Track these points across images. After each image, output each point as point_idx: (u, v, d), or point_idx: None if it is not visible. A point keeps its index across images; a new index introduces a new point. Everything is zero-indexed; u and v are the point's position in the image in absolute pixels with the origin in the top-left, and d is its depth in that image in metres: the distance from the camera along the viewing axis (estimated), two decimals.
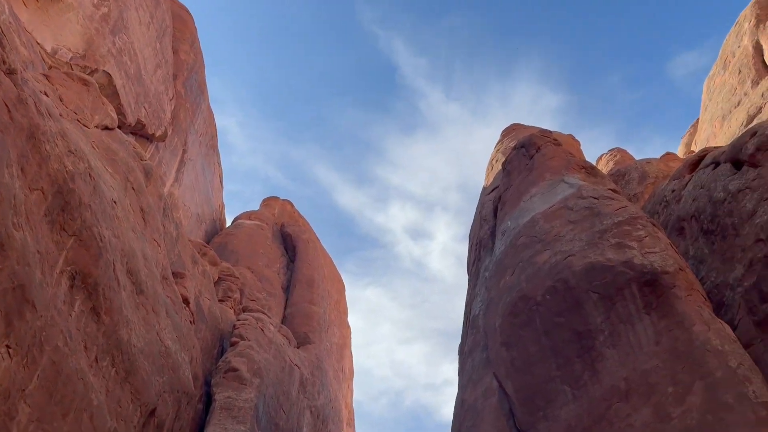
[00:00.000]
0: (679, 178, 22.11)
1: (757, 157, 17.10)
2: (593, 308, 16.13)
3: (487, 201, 28.35)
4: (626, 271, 15.68)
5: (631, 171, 31.17)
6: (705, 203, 18.65)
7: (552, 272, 17.57)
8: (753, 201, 16.48)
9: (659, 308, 14.82)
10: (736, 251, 16.59)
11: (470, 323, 22.98)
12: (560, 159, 23.13)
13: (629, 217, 17.65)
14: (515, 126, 37.47)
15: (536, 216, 20.67)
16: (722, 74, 47.63)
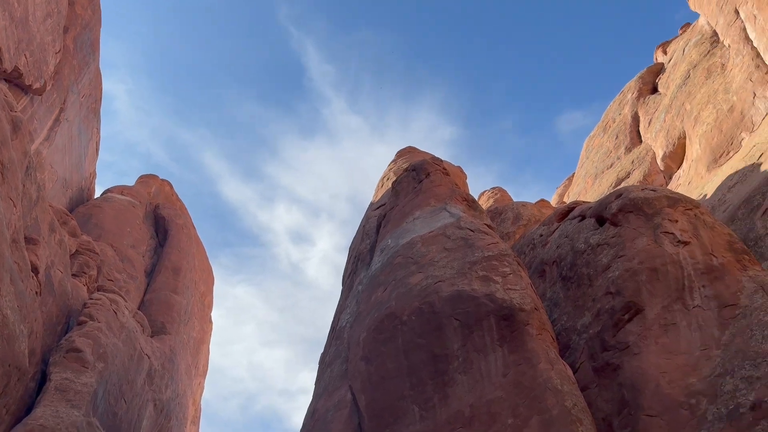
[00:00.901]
0: (549, 225, 23.62)
1: (618, 217, 18.68)
2: (453, 334, 16.74)
3: (372, 216, 28.71)
4: (488, 303, 16.47)
5: (508, 211, 32.89)
6: (567, 252, 20.04)
7: (421, 294, 18.06)
8: (609, 256, 17.93)
9: (512, 342, 15.67)
10: (588, 300, 17.93)
11: (335, 334, 23.03)
12: (446, 188, 23.97)
13: (498, 253, 18.58)
14: (410, 149, 38.38)
15: (416, 238, 21.22)
16: (601, 136, 51.80)
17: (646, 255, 16.90)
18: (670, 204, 18.23)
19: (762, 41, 32.41)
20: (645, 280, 16.44)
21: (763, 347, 13.70)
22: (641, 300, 16.22)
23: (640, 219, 18.04)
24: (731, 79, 34.32)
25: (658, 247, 16.96)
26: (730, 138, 32.29)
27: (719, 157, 32.57)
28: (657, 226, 17.67)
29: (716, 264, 16.32)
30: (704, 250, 16.73)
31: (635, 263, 16.86)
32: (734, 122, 32.38)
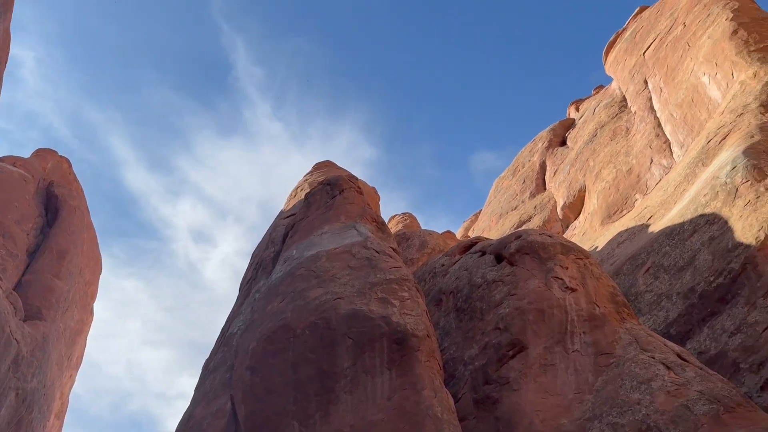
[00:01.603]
0: (451, 256, 24.27)
1: (515, 257, 19.50)
2: (345, 352, 16.72)
3: (280, 224, 28.32)
4: (382, 326, 16.62)
5: (415, 237, 33.50)
6: (465, 284, 20.65)
7: (318, 309, 17.95)
8: (502, 293, 18.64)
9: (400, 366, 15.87)
10: (477, 333, 18.51)
11: (224, 340, 22.36)
12: (358, 207, 24.11)
13: (400, 277, 18.86)
14: (328, 163, 38.35)
15: (321, 253, 21.13)
16: (510, 179, 54.08)
17: (535, 296, 17.71)
18: (563, 251, 19.25)
19: (664, 113, 35.22)
20: (532, 320, 17.21)
21: (631, 397, 14.65)
22: (526, 339, 16.94)
23: (534, 261, 18.91)
24: (633, 143, 36.97)
25: (548, 291, 17.83)
26: (625, 197, 34.66)
27: (613, 214, 34.85)
28: (549, 270, 18.60)
29: (598, 313, 17.36)
30: (589, 298, 17.77)
31: (525, 303, 17.63)
32: (631, 183, 34.81)
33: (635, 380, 15.01)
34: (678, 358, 15.75)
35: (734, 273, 19.44)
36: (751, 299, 18.53)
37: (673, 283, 21.76)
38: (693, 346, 19.29)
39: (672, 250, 23.06)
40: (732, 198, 21.61)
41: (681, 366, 15.22)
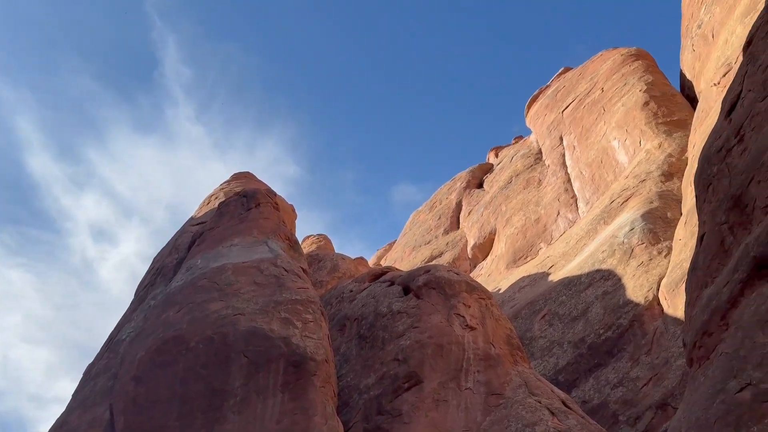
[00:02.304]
0: (360, 282, 24.30)
1: (422, 291, 19.79)
2: (238, 370, 16.24)
3: (188, 231, 27.38)
4: (281, 346, 16.31)
5: (327, 260, 33.33)
6: (370, 312, 20.69)
7: (217, 323, 17.40)
8: (405, 325, 18.81)
9: (294, 390, 15.59)
10: (376, 362, 18.53)
11: (111, 346, 21.18)
12: (273, 222, 23.75)
13: (306, 298, 18.65)
14: (248, 174, 37.66)
15: (228, 265, 20.58)
16: (427, 213, 55.15)
17: (437, 331, 18.01)
18: (468, 290, 19.74)
19: (575, 170, 37.22)
20: (430, 354, 17.45)
21: None
22: (423, 372, 17.13)
23: (440, 297, 19.27)
24: (544, 194, 38.74)
25: (449, 327, 18.18)
26: (530, 245, 36.12)
27: (518, 259, 36.19)
28: (452, 307, 18.99)
29: (493, 353, 17.85)
30: (486, 338, 18.25)
31: (426, 336, 17.87)
32: (537, 232, 36.35)
33: (521, 423, 15.46)
34: (563, 405, 16.40)
35: (622, 328, 20.61)
36: (635, 355, 19.67)
37: (565, 331, 22.76)
38: (578, 394, 20.19)
39: (568, 300, 24.18)
40: (627, 257, 23.01)
41: (564, 413, 15.85)
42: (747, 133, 10.99)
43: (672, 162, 28.24)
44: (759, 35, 11.63)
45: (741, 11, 26.19)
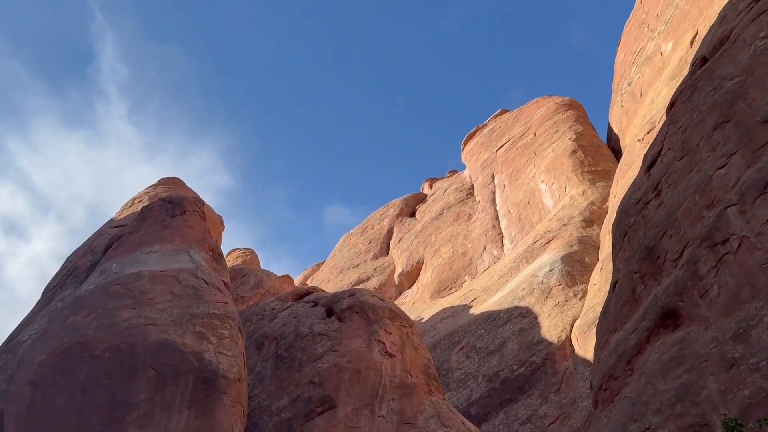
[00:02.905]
0: (284, 301, 23.90)
1: (345, 314, 19.66)
2: (144, 383, 15.53)
3: (106, 233, 26.20)
4: (192, 361, 15.72)
5: (252, 275, 32.64)
6: (291, 332, 20.34)
7: (126, 332, 16.61)
8: (325, 347, 18.59)
9: (202, 407, 15.02)
10: (291, 384, 18.17)
11: (9, 347, 19.80)
12: (198, 232, 23.07)
13: (224, 314, 18.12)
14: (176, 180, 36.57)
15: (144, 272, 19.76)
16: (358, 237, 55.19)
17: (356, 356, 17.88)
18: (390, 316, 19.78)
19: (503, 208, 38.31)
20: (347, 379, 17.27)
21: None
22: (338, 397, 16.92)
23: (362, 321, 19.20)
24: (472, 229, 39.61)
25: (368, 352, 18.10)
26: (456, 277, 36.72)
27: (443, 290, 36.68)
28: (374, 332, 18.95)
29: (410, 382, 17.88)
30: (404, 366, 18.28)
31: (344, 361, 17.70)
32: (463, 265, 37.03)
33: None
34: None
35: (535, 366, 21.15)
36: (545, 393, 20.19)
37: (481, 364, 23.14)
38: (488, 428, 20.49)
39: (486, 333, 24.66)
40: (545, 297, 23.76)
41: None
42: (664, 189, 11.65)
43: (593, 209, 29.56)
44: (681, 99, 12.44)
45: (668, 74, 28.00)
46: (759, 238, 8.57)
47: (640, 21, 35.88)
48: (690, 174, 10.82)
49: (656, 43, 31.23)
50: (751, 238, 8.69)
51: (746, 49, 10.76)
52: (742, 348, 8.11)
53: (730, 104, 10.38)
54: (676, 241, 10.39)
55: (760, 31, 10.69)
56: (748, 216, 8.89)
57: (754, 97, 9.95)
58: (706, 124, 10.80)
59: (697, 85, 11.76)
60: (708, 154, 10.48)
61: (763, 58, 10.20)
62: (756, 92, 9.97)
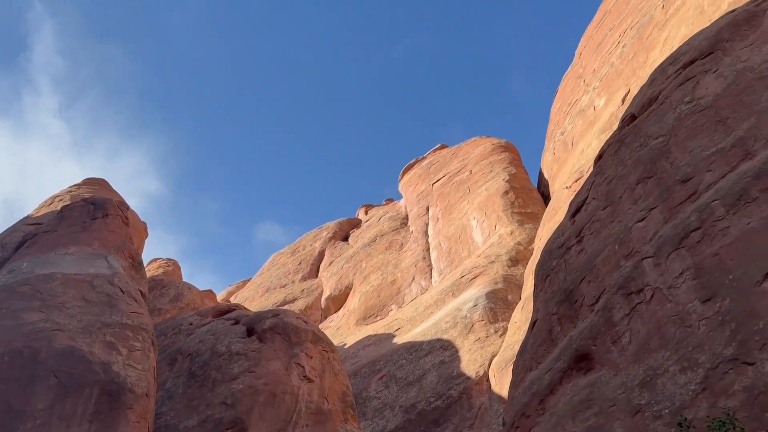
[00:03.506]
0: (203, 317, 23.16)
1: (266, 335, 19.23)
2: (45, 392, 14.57)
3: (20, 230, 24.73)
4: (99, 372, 14.90)
5: (172, 287, 31.54)
6: (207, 349, 19.68)
7: (29, 336, 15.60)
8: (241, 368, 18.07)
9: (105, 421, 14.20)
10: (202, 404, 17.52)
11: None
12: (118, 238, 22.13)
13: (138, 325, 17.35)
14: (101, 182, 35.10)
15: (57, 274, 18.72)
16: (288, 257, 54.46)
17: (273, 378, 17.46)
18: (313, 340, 19.49)
19: (435, 240, 38.83)
20: (261, 402, 16.82)
21: None
22: (250, 420, 16.42)
23: (283, 343, 18.82)
24: (403, 258, 39.88)
25: (286, 375, 17.72)
26: (383, 305, 36.75)
27: (369, 317, 36.59)
28: (294, 355, 18.61)
29: (326, 408, 17.60)
30: (322, 392, 18.00)
31: (261, 383, 17.25)
32: (391, 293, 37.14)
33: None
34: None
35: (451, 399, 21.29)
36: (459, 427, 20.32)
37: (400, 395, 23.09)
38: None
39: (408, 364, 24.68)
40: (467, 332, 24.09)
41: None
42: (586, 236, 12.12)
43: (520, 250, 30.40)
44: (609, 152, 13.05)
45: (599, 127, 29.42)
46: (671, 291, 9.00)
47: (577, 75, 37.70)
48: (611, 224, 11.31)
49: (590, 97, 32.85)
50: (664, 290, 9.12)
51: (672, 111, 11.44)
52: (647, 395, 8.43)
53: (653, 162, 10.96)
54: (594, 286, 10.79)
55: (685, 96, 11.41)
56: (662, 269, 9.34)
57: (676, 157, 10.55)
58: (630, 178, 11.36)
59: (625, 140, 12.38)
60: (629, 206, 11.00)
61: (686, 121, 10.87)
62: (678, 153, 10.58)
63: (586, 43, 39.09)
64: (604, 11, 38.25)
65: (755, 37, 10.88)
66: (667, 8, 28.09)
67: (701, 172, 9.72)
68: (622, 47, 31.14)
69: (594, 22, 39.57)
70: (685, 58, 12.03)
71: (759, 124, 9.34)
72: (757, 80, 9.92)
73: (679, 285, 8.85)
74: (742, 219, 8.43)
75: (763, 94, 9.60)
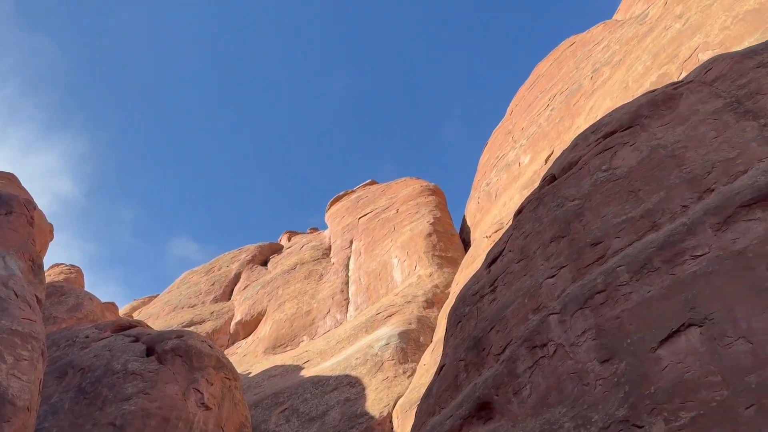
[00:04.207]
0: (101, 330, 21.94)
1: (167, 356, 18.39)
2: None
3: None
4: None
5: (72, 295, 29.77)
6: (101, 365, 18.60)
7: None
8: (136, 388, 17.14)
9: None
10: (88, 422, 16.45)
11: None
12: (21, 237, 20.74)
13: (28, 332, 16.18)
14: (10, 176, 32.93)
15: None
16: (201, 276, 52.78)
17: (168, 402, 16.65)
18: (216, 366, 18.80)
19: (355, 275, 38.74)
20: (153, 426, 15.96)
21: None
22: None
23: (184, 367, 18.04)
24: (321, 290, 39.49)
25: (183, 401, 16.94)
26: (294, 335, 36.07)
27: (278, 347, 35.77)
28: (194, 380, 17.85)
29: None
30: (218, 422, 17.29)
31: (154, 406, 16.40)
32: (304, 324, 36.56)
33: None
34: None
35: None
36: None
37: (299, 430, 22.52)
38: None
39: (312, 398, 24.18)
40: (376, 370, 23.95)
41: None
42: (500, 286, 12.42)
43: (437, 292, 30.80)
44: (528, 208, 13.54)
45: (522, 183, 30.59)
46: (572, 348, 9.31)
47: (507, 131, 39.26)
48: (524, 277, 11.66)
49: (517, 153, 34.22)
50: (566, 347, 9.42)
51: (589, 177, 12.05)
52: None
53: (567, 222, 11.45)
54: (501, 336, 11.02)
55: (603, 164, 12.05)
56: (566, 326, 9.67)
57: (589, 221, 11.07)
58: (545, 235, 11.80)
59: (544, 199, 12.90)
60: (542, 262, 11.39)
61: (601, 187, 11.46)
62: (591, 216, 11.11)
63: (517, 102, 40.92)
64: (537, 74, 40.29)
65: (671, 117, 11.70)
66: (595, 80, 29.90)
67: (611, 238, 10.23)
68: (551, 110, 32.79)
69: (527, 83, 41.56)
70: (607, 128, 12.76)
71: (667, 198, 9.97)
72: (669, 158, 10.63)
73: (580, 343, 9.18)
74: (643, 286, 8.88)
75: (673, 172, 10.29)
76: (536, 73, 40.77)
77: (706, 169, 9.77)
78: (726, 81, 11.26)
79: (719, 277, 8.01)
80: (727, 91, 11.00)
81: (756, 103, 10.16)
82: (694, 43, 22.27)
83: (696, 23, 23.30)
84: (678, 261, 8.70)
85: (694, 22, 23.49)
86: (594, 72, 30.71)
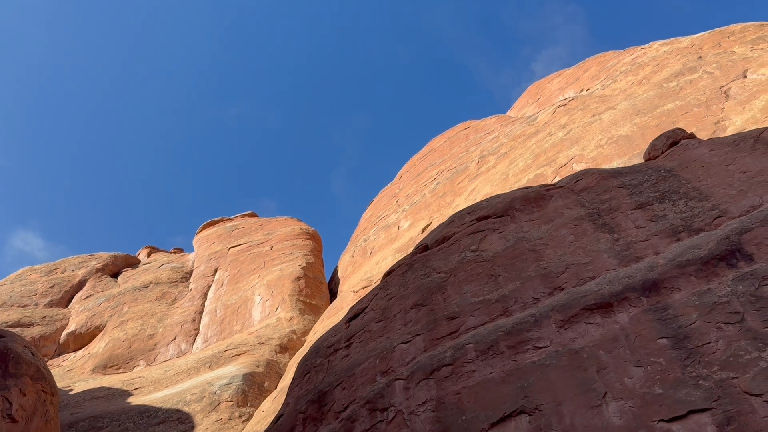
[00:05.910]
0: None
1: None
2: None
3: None
4: None
5: None
6: None
7: None
8: None
9: None
10: None
11: None
12: None
13: None
14: None
15: None
16: (41, 275, 48.22)
17: None
18: (35, 377, 16.97)
19: (212, 305, 37.16)
20: None
21: None
22: None
23: None
24: (171, 314, 37.38)
25: None
26: (131, 357, 33.62)
27: (110, 367, 33.10)
28: (6, 388, 15.95)
29: None
30: None
31: None
32: (144, 348, 34.24)
33: None
34: None
35: None
36: None
37: None
38: None
39: (135, 428, 22.41)
40: (211, 409, 22.77)
41: None
42: (355, 343, 12.44)
43: (293, 338, 30.20)
44: (398, 272, 13.84)
45: (397, 246, 31.33)
46: (411, 417, 9.43)
47: (392, 194, 40.39)
48: (380, 338, 11.77)
49: (398, 217, 35.18)
50: (405, 414, 9.53)
51: (458, 253, 12.59)
52: None
53: (430, 293, 11.81)
54: (346, 394, 10.95)
55: (472, 244, 12.66)
56: (410, 393, 9.81)
57: (450, 295, 11.48)
58: (408, 300, 12.07)
59: (414, 266, 13.26)
60: (400, 326, 11.59)
61: (467, 266, 11.99)
62: (452, 291, 11.55)
63: (408, 169, 42.42)
64: (431, 147, 42.20)
65: (539, 215, 12.60)
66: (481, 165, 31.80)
67: (466, 315, 10.66)
68: (436, 184, 34.27)
69: (420, 153, 43.34)
70: (482, 212, 13.50)
71: (522, 288, 10.61)
72: (530, 251, 11.38)
73: (419, 413, 9.33)
74: (486, 367, 9.27)
75: (531, 265, 11.01)
76: (430, 146, 42.67)
77: (560, 268, 10.56)
78: (591, 193, 12.39)
79: (554, 371, 8.55)
80: (590, 202, 12.10)
81: (613, 219, 11.23)
82: (572, 153, 24.48)
83: (576, 136, 25.70)
84: (521, 348, 9.20)
85: (575, 134, 25.90)
86: (481, 158, 32.69)
